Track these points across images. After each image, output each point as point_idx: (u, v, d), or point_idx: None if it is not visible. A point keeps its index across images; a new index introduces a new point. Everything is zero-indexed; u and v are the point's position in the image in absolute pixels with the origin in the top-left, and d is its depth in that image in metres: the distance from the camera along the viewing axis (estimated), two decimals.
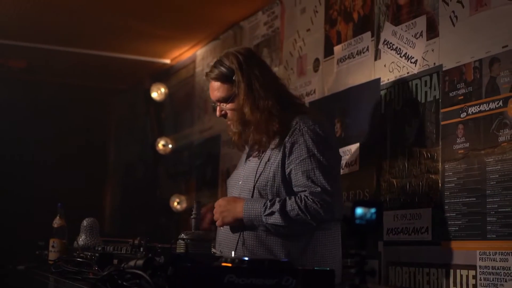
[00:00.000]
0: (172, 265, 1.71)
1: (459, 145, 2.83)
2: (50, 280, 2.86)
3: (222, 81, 2.85)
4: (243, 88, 2.81)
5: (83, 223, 3.24)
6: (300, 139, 2.76)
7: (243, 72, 2.82)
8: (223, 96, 2.87)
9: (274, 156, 2.81)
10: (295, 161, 2.75)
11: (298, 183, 2.74)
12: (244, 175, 2.92)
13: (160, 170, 6.52)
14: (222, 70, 2.84)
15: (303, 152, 2.74)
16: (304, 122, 2.79)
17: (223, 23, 5.14)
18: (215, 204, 2.85)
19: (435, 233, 2.93)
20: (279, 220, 2.69)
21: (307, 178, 2.71)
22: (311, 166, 2.72)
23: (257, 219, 2.73)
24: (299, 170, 2.73)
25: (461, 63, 2.86)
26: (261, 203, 2.74)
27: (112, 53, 6.17)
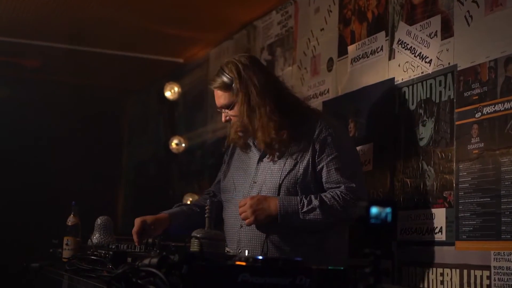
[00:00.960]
0: (186, 264, 1.71)
1: (473, 145, 2.82)
2: (64, 278, 2.87)
3: (223, 89, 2.99)
4: (241, 97, 2.94)
5: (97, 221, 3.25)
6: (328, 138, 2.90)
7: (241, 81, 2.94)
8: (225, 104, 3.00)
9: (301, 155, 2.92)
10: (326, 159, 2.88)
11: (331, 179, 2.87)
12: (263, 175, 2.98)
13: (173, 169, 6.53)
14: (223, 79, 2.98)
15: (333, 151, 2.89)
16: (328, 123, 2.96)
17: (236, 22, 5.14)
18: (241, 203, 2.88)
19: (449, 233, 2.92)
20: (320, 216, 2.80)
21: (341, 175, 2.85)
22: (343, 163, 2.88)
23: (293, 216, 2.82)
24: (332, 167, 2.87)
25: (476, 63, 2.85)
26: (296, 200, 2.84)
27: (126, 52, 6.19)
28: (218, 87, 3.00)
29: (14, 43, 5.89)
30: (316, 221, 2.81)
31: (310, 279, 1.77)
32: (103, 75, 7.10)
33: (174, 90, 6.17)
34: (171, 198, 6.46)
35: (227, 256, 2.22)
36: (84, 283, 2.50)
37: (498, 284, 2.64)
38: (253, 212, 2.82)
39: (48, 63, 6.56)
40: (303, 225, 2.83)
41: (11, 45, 5.94)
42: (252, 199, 2.86)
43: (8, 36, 5.76)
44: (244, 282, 1.73)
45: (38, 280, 3.45)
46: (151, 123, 7.20)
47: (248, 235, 2.93)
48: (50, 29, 5.56)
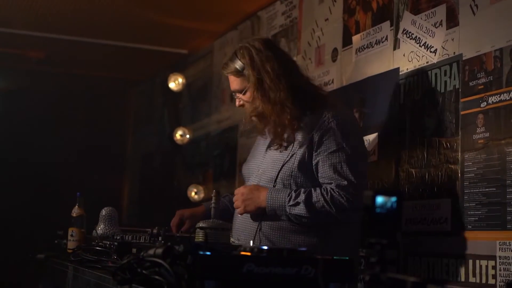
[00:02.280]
0: (191, 254, 1.71)
1: (479, 135, 2.81)
2: (69, 268, 2.87)
3: (235, 75, 2.94)
4: (253, 83, 2.87)
5: (102, 213, 3.25)
6: (329, 131, 2.78)
7: (253, 67, 2.87)
8: (237, 89, 2.96)
9: (300, 147, 2.83)
10: (323, 153, 2.78)
11: (324, 175, 2.77)
12: (265, 164, 2.94)
13: (177, 160, 6.53)
14: (235, 65, 2.93)
15: (332, 145, 2.77)
16: (333, 115, 2.81)
17: (240, 13, 5.13)
18: (235, 192, 2.88)
19: (454, 223, 2.91)
20: (304, 211, 2.72)
21: (334, 171, 2.74)
22: (339, 159, 2.75)
23: (280, 209, 2.77)
24: (327, 163, 2.76)
25: (481, 52, 2.84)
26: (285, 193, 2.77)
27: (130, 43, 6.18)
28: (230, 72, 2.96)
29: (19, 34, 5.89)
30: (301, 216, 2.74)
31: (316, 269, 1.77)
32: (107, 66, 7.10)
33: (178, 81, 6.16)
34: (175, 189, 6.47)
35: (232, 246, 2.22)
36: (89, 273, 2.50)
37: (504, 274, 2.64)
38: (243, 201, 2.83)
39: (52, 54, 6.56)
40: (290, 218, 2.77)
41: (16, 36, 5.94)
42: (245, 188, 2.86)
43: (13, 28, 5.76)
44: (249, 272, 1.73)
45: (43, 271, 3.46)
46: (156, 114, 7.21)
47: (242, 225, 2.92)
48: (54, 20, 5.55)
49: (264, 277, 1.74)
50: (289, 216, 2.76)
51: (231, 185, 5.21)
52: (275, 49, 3.02)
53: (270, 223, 2.83)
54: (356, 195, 2.70)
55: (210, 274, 1.70)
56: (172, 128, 6.31)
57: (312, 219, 2.73)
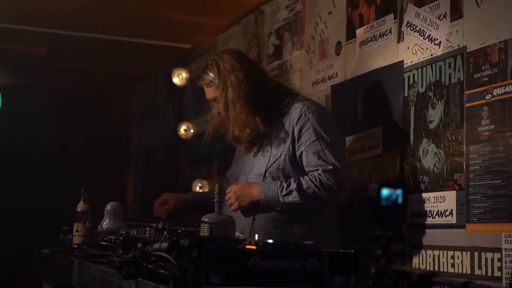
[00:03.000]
0: (196, 248, 1.71)
1: (484, 127, 2.81)
2: (74, 263, 2.88)
3: (206, 85, 3.20)
4: (219, 92, 3.13)
5: (107, 207, 3.25)
6: (307, 123, 3.01)
7: (220, 77, 3.12)
8: (211, 98, 3.21)
9: (283, 141, 3.05)
10: (305, 143, 2.99)
11: (310, 163, 2.97)
12: (251, 163, 3.14)
13: (182, 155, 6.53)
14: (205, 76, 3.19)
15: (312, 135, 2.98)
16: (308, 107, 3.06)
17: (244, 7, 5.12)
18: (227, 190, 3.03)
19: (459, 216, 2.91)
20: (297, 198, 2.92)
21: (318, 158, 2.95)
22: (321, 146, 2.96)
23: (274, 200, 2.96)
24: (310, 151, 2.97)
25: (486, 44, 2.83)
26: (276, 185, 2.96)
27: (133, 38, 6.18)
28: (202, 83, 3.21)
29: (22, 30, 5.88)
30: (295, 204, 2.92)
31: (321, 262, 1.77)
32: (110, 61, 7.10)
33: (182, 76, 6.15)
34: (180, 183, 6.47)
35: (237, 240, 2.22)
36: (95, 268, 2.50)
37: (509, 266, 2.63)
38: (237, 198, 3.00)
39: (55, 50, 6.56)
40: (284, 208, 2.95)
41: (19, 32, 5.93)
42: (236, 186, 3.04)
43: (15, 24, 5.75)
44: (255, 266, 1.73)
45: (49, 266, 3.46)
46: (160, 109, 7.20)
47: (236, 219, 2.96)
48: (57, 16, 5.55)
49: (269, 270, 1.74)
50: (283, 205, 2.95)
51: None
52: (242, 59, 3.24)
53: (264, 215, 3.01)
54: (342, 177, 2.94)
55: (215, 268, 1.71)
56: (176, 123, 6.30)
57: (305, 205, 2.94)
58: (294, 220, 3.01)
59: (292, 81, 4.31)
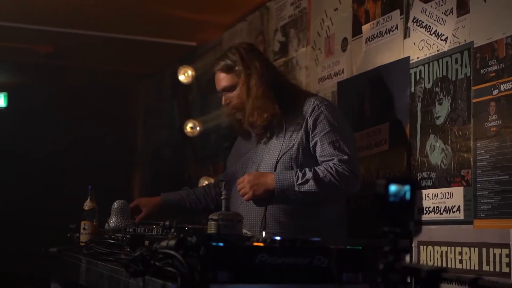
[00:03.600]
0: (204, 245, 1.71)
1: (491, 123, 2.80)
2: (82, 261, 2.88)
3: (226, 71, 3.21)
4: (243, 78, 3.16)
5: (114, 205, 3.25)
6: (321, 115, 3.07)
7: (244, 63, 3.17)
8: (226, 85, 3.22)
9: (296, 132, 3.09)
10: (320, 134, 3.04)
11: (325, 153, 3.02)
12: (261, 155, 3.17)
13: (188, 152, 6.53)
14: (226, 62, 3.20)
15: (326, 126, 3.04)
16: (320, 101, 3.14)
17: (249, 4, 5.12)
18: (239, 181, 3.06)
19: (467, 212, 2.90)
20: (314, 187, 2.95)
21: (334, 148, 3.01)
22: (336, 137, 3.03)
23: (289, 189, 2.98)
24: (325, 142, 3.02)
25: (493, 39, 2.81)
26: (291, 174, 2.99)
27: (139, 36, 6.18)
28: (220, 69, 3.21)
29: (28, 29, 5.89)
30: (311, 192, 2.95)
31: (329, 259, 1.76)
32: (116, 59, 7.10)
33: (187, 74, 6.15)
34: (186, 181, 6.47)
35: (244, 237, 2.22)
36: (102, 266, 2.50)
37: None
38: (251, 187, 3.00)
39: (61, 48, 6.56)
40: (299, 197, 2.98)
41: (25, 31, 5.94)
42: (249, 175, 3.04)
43: (22, 22, 5.76)
44: (262, 263, 1.73)
45: (57, 264, 3.47)
46: (166, 107, 7.20)
47: (247, 211, 3.06)
48: (63, 14, 5.55)
49: (277, 267, 1.74)
50: (297, 194, 2.97)
51: None
52: (259, 51, 3.42)
53: (276, 206, 3.04)
54: (356, 167, 3.03)
55: (223, 265, 1.70)
56: (182, 121, 6.31)
57: (320, 193, 2.97)
58: (305, 211, 3.04)
59: (298, 78, 4.29)
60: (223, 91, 3.26)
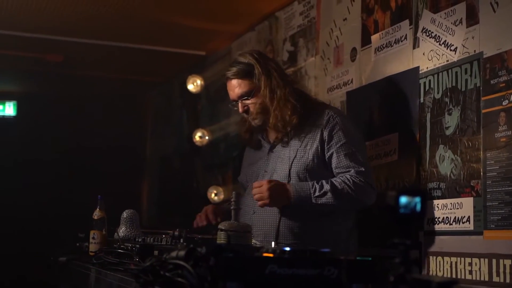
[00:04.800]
0: (214, 256, 1.70)
1: (501, 133, 2.79)
2: (91, 271, 2.88)
3: (241, 77, 3.13)
4: (263, 79, 3.09)
5: (123, 215, 3.25)
6: (336, 126, 3.05)
7: (261, 65, 3.11)
8: (244, 91, 3.14)
9: (310, 142, 3.06)
10: (336, 145, 3.02)
11: (341, 165, 3.01)
12: (273, 164, 3.14)
13: (197, 161, 6.54)
14: (241, 67, 3.13)
15: (342, 137, 3.03)
16: (335, 112, 3.13)
17: (258, 14, 5.13)
18: (256, 185, 2.97)
19: (476, 222, 2.89)
20: (331, 200, 2.94)
21: (350, 159, 2.99)
22: (352, 149, 3.01)
23: (306, 201, 2.95)
24: (341, 153, 3.01)
25: (502, 50, 2.81)
26: (308, 186, 2.97)
27: (149, 46, 6.20)
28: (235, 74, 3.13)
29: (38, 38, 5.92)
30: (328, 205, 2.94)
31: (338, 270, 1.76)
32: (126, 68, 7.12)
33: (196, 83, 6.15)
34: (195, 191, 6.48)
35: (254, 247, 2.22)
36: (112, 276, 2.51)
37: None
38: (270, 195, 2.93)
39: (71, 58, 6.59)
40: (315, 209, 2.96)
41: (35, 40, 5.97)
42: (269, 183, 2.95)
43: (31, 32, 5.79)
44: (272, 274, 1.72)
45: (65, 273, 3.47)
46: (174, 116, 7.22)
47: (261, 220, 3.05)
48: (73, 24, 5.58)
49: (286, 278, 1.73)
50: (314, 206, 2.95)
51: None
52: (269, 57, 3.40)
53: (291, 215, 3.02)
54: (372, 178, 3.03)
55: (232, 276, 1.70)
56: (191, 130, 6.32)
57: (337, 206, 2.96)
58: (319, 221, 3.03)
59: (307, 88, 4.30)
60: (239, 98, 3.17)
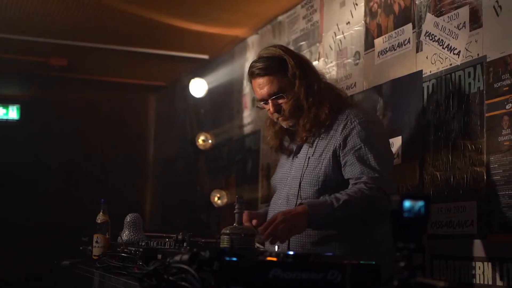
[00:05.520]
0: (217, 260, 1.70)
1: (504, 137, 2.79)
2: (95, 275, 2.88)
3: (272, 72, 2.77)
4: (298, 74, 2.76)
5: (127, 219, 3.25)
6: (352, 131, 2.72)
7: (293, 58, 2.78)
8: (277, 88, 2.78)
9: (325, 151, 2.75)
10: (350, 152, 2.70)
11: (355, 171, 2.67)
12: (293, 172, 2.85)
13: (200, 165, 6.54)
14: (271, 62, 2.78)
15: (357, 143, 2.69)
16: (355, 114, 2.76)
17: (261, 18, 5.14)
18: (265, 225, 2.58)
19: (480, 226, 2.89)
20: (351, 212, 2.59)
21: (364, 165, 2.66)
22: (367, 154, 2.67)
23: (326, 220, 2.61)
24: (355, 159, 2.68)
25: (506, 53, 2.81)
26: (324, 205, 2.61)
27: (152, 49, 6.21)
28: (265, 70, 2.77)
29: (42, 42, 5.94)
30: (348, 216, 2.60)
31: (342, 274, 1.76)
32: (129, 72, 7.14)
33: (200, 87, 6.17)
34: (198, 194, 6.48)
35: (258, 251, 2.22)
36: (115, 280, 2.51)
37: None
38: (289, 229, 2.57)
39: (74, 61, 6.61)
40: (336, 223, 2.64)
41: (39, 44, 5.99)
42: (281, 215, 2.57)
43: (36, 36, 5.81)
44: (275, 278, 1.72)
45: (69, 277, 3.47)
46: (178, 120, 7.23)
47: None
48: (77, 28, 5.59)
49: (290, 282, 1.73)
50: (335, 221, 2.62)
51: (253, 190, 5.20)
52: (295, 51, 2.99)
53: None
54: (387, 183, 2.65)
55: (236, 280, 1.70)
56: (194, 134, 6.33)
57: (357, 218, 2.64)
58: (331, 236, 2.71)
59: None
60: (270, 97, 2.81)
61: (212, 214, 6.07)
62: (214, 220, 6.06)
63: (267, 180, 5.01)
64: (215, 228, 5.72)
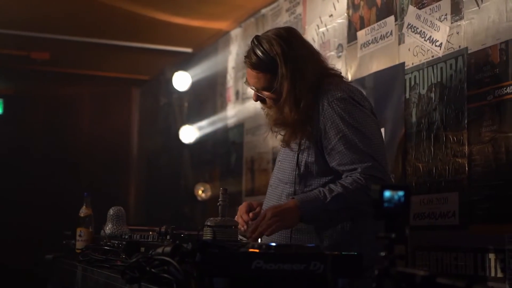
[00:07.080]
0: (199, 252, 1.71)
1: (486, 128, 2.80)
2: (78, 268, 2.88)
3: (261, 70, 2.56)
4: (286, 86, 2.51)
5: (110, 212, 3.25)
6: (332, 116, 2.49)
7: (287, 66, 2.52)
8: (262, 86, 2.59)
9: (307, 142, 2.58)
10: (334, 138, 2.49)
11: (344, 161, 2.48)
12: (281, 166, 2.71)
13: (184, 158, 6.54)
14: (263, 58, 2.55)
15: (342, 128, 2.48)
16: (330, 96, 2.52)
17: (245, 10, 5.13)
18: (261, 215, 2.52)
19: (462, 217, 2.90)
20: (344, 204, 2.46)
21: (353, 153, 2.46)
22: (354, 140, 2.47)
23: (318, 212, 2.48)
24: (342, 147, 2.47)
25: (487, 45, 2.83)
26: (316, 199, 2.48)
27: (135, 43, 6.19)
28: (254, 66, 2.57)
29: (24, 36, 5.91)
30: (341, 209, 2.47)
31: (324, 265, 1.77)
32: (112, 66, 7.11)
33: (183, 80, 6.16)
34: (182, 187, 6.48)
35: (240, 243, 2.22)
36: (98, 273, 2.50)
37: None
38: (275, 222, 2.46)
39: (57, 55, 6.58)
40: (330, 216, 2.50)
41: (21, 38, 5.95)
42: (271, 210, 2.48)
43: (17, 30, 5.77)
44: (258, 269, 1.73)
45: (52, 271, 3.46)
46: (161, 113, 7.21)
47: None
48: (59, 21, 5.56)
49: (272, 273, 1.74)
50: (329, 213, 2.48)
51: (238, 183, 5.21)
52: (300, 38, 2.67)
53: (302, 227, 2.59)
54: (381, 170, 2.48)
55: (219, 272, 1.70)
56: (178, 127, 6.32)
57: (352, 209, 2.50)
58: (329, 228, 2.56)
59: None
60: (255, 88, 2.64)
61: (196, 207, 6.08)
62: (198, 213, 6.06)
63: (251, 173, 5.02)
64: (200, 221, 5.72)
